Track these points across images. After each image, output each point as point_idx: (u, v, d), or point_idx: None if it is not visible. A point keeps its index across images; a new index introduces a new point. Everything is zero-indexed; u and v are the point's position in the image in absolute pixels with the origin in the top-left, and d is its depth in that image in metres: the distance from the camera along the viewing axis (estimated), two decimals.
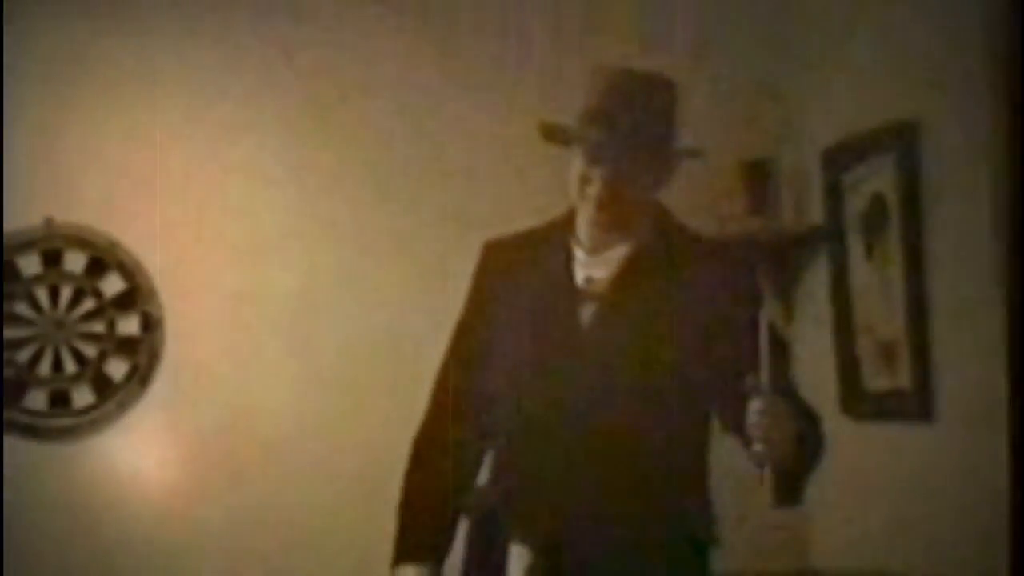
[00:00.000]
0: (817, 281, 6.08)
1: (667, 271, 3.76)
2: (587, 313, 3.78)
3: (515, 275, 3.95)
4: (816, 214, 6.24)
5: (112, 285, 6.14)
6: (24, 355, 6.05)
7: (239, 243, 6.34)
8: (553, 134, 3.77)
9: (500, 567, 3.70)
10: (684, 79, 3.85)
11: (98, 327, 6.12)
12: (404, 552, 3.87)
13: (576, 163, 3.73)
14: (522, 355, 3.84)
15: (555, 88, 5.48)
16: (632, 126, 3.66)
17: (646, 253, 3.79)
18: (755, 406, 3.43)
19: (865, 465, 5.53)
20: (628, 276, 3.78)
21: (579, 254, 3.84)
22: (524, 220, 4.09)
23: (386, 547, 3.92)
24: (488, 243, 4.06)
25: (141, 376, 6.12)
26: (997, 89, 4.92)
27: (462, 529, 3.88)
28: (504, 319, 3.91)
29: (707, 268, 3.78)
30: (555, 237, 3.92)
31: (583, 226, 3.83)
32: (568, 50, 6.26)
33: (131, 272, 6.12)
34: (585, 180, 3.70)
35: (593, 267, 3.81)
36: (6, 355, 6.04)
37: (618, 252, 3.80)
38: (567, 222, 3.89)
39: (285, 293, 6.33)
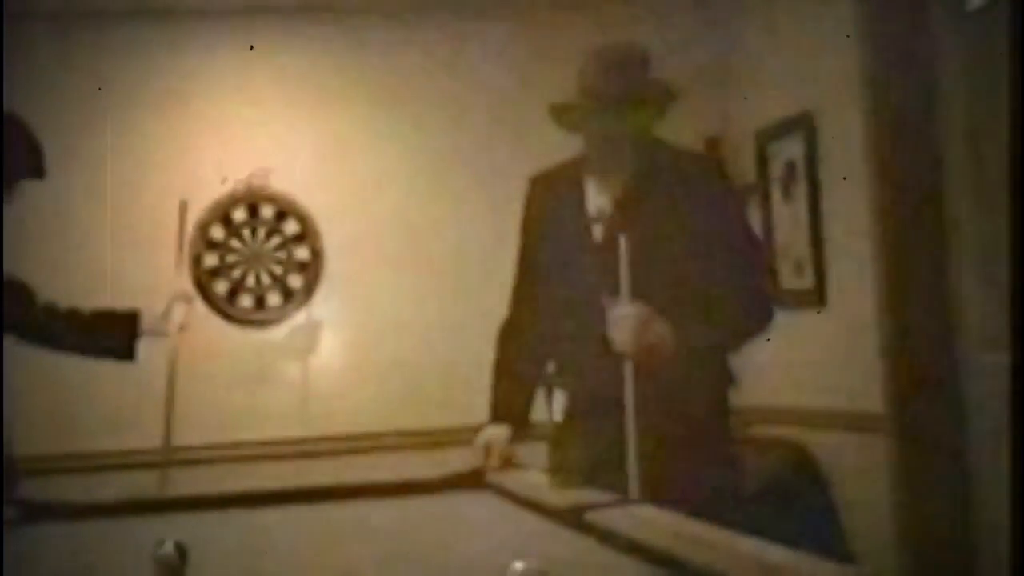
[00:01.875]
0: (752, 218, 5.78)
1: (658, 190, 3.70)
2: (597, 231, 3.75)
3: (549, 204, 3.93)
4: (750, 174, 6.31)
5: (290, 227, 6.54)
6: (236, 273, 6.50)
7: (379, 193, 6.62)
8: (560, 115, 3.80)
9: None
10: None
11: (281, 255, 6.55)
12: (493, 415, 3.95)
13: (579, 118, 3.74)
14: (558, 269, 3.83)
15: None
16: (621, 88, 3.64)
17: (639, 179, 3.73)
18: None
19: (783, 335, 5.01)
20: (626, 199, 3.73)
21: (591, 184, 3.82)
22: None
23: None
24: (533, 177, 4.04)
25: (309, 287, 6.55)
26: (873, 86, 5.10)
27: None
28: (547, 238, 3.91)
29: (697, 180, 3.73)
30: (574, 171, 3.88)
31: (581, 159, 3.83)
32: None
33: (303, 217, 6.54)
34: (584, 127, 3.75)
35: (600, 195, 3.79)
36: (227, 272, 6.49)
37: (618, 180, 3.76)
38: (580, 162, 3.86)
39: (410, 228, 6.61)
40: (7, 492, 3.88)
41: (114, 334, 4.63)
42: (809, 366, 5.75)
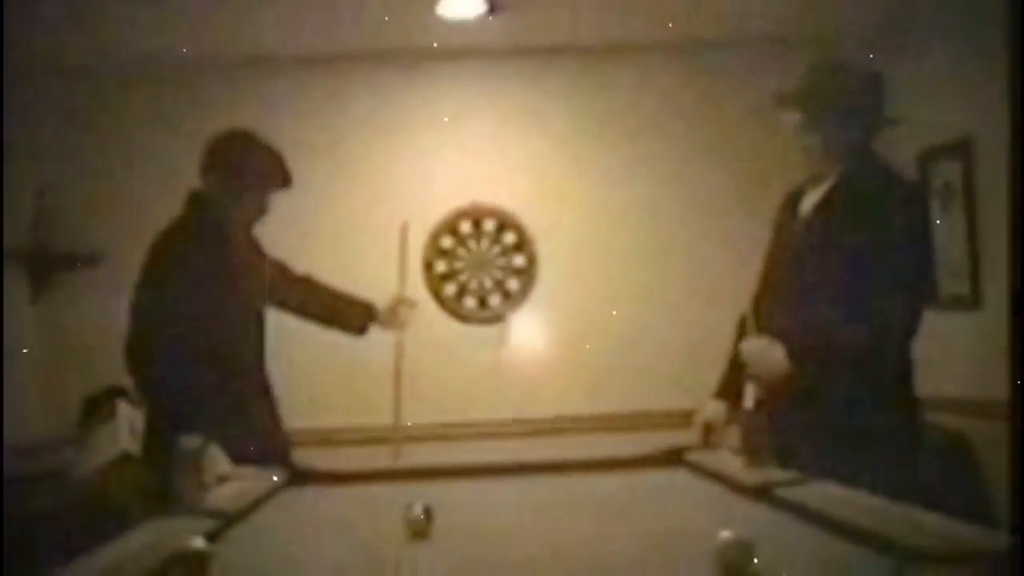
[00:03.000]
0: None
1: (851, 201, 3.56)
2: (800, 230, 3.67)
3: (782, 211, 3.83)
4: None
5: (509, 237, 6.59)
6: (463, 277, 6.58)
7: (589, 209, 6.63)
8: (784, 102, 3.67)
9: None
10: None
11: (502, 261, 6.60)
12: (718, 392, 3.91)
13: (795, 124, 3.65)
14: (775, 260, 3.78)
15: None
16: (839, 104, 3.56)
17: (841, 188, 3.60)
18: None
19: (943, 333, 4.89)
20: (823, 203, 3.62)
21: (807, 191, 3.72)
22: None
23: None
24: (786, 194, 3.88)
25: (525, 290, 6.59)
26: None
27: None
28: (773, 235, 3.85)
29: (888, 201, 3.53)
30: (801, 184, 3.75)
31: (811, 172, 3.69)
32: None
33: (520, 229, 6.58)
34: (801, 135, 3.64)
35: (808, 198, 3.70)
36: (455, 277, 6.55)
37: (823, 186, 3.66)
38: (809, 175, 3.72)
39: (615, 241, 6.61)
40: (283, 459, 3.97)
41: (353, 316, 4.78)
42: (964, 360, 5.56)
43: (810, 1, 5.90)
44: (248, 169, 4.29)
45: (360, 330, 4.82)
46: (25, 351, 6.17)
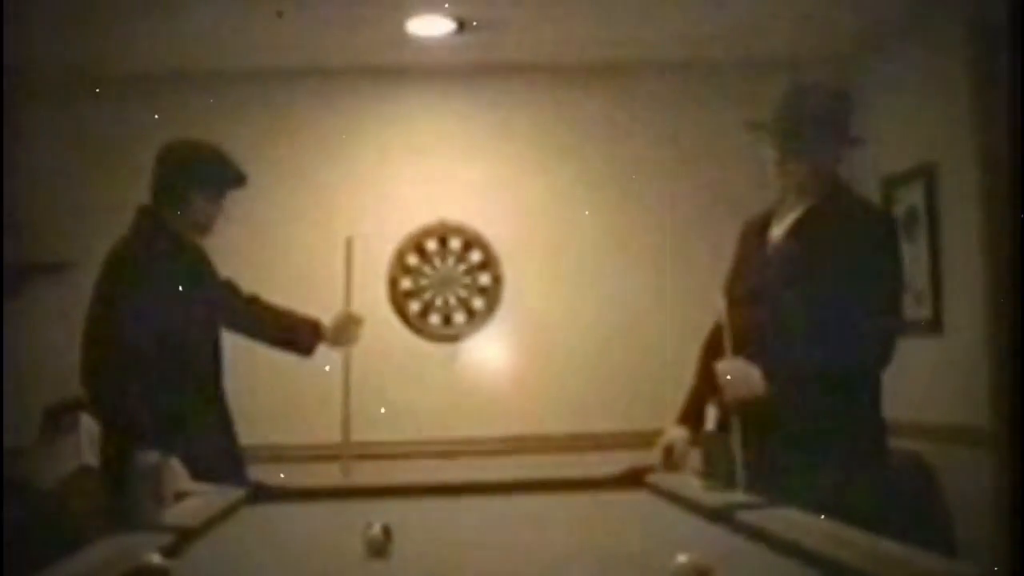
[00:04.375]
0: None
1: (824, 229, 3.57)
2: (772, 255, 3.68)
3: (747, 236, 3.86)
4: None
5: (475, 256, 6.59)
6: (427, 295, 6.55)
7: (555, 229, 6.64)
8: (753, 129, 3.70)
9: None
10: None
11: (467, 280, 6.60)
12: (680, 418, 3.89)
13: (769, 152, 3.67)
14: (747, 285, 3.74)
15: None
16: (810, 128, 3.58)
17: (814, 215, 3.62)
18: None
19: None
20: (795, 230, 3.63)
21: (775, 217, 3.74)
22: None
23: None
24: (745, 221, 3.93)
25: (490, 308, 6.59)
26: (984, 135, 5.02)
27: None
28: (736, 266, 3.87)
29: (861, 230, 3.55)
30: (767, 211, 3.78)
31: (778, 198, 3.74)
32: None
33: (486, 248, 6.59)
34: (776, 163, 3.65)
35: (778, 225, 3.70)
36: (420, 294, 6.53)
37: (794, 213, 3.67)
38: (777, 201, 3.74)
39: (581, 261, 6.61)
40: (239, 475, 3.95)
41: (301, 335, 4.72)
42: (926, 385, 5.53)
43: (777, 25, 5.93)
44: (195, 170, 4.26)
45: (308, 351, 4.78)
46: None
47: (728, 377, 3.53)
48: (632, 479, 3.63)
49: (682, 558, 2.03)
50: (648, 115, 6.68)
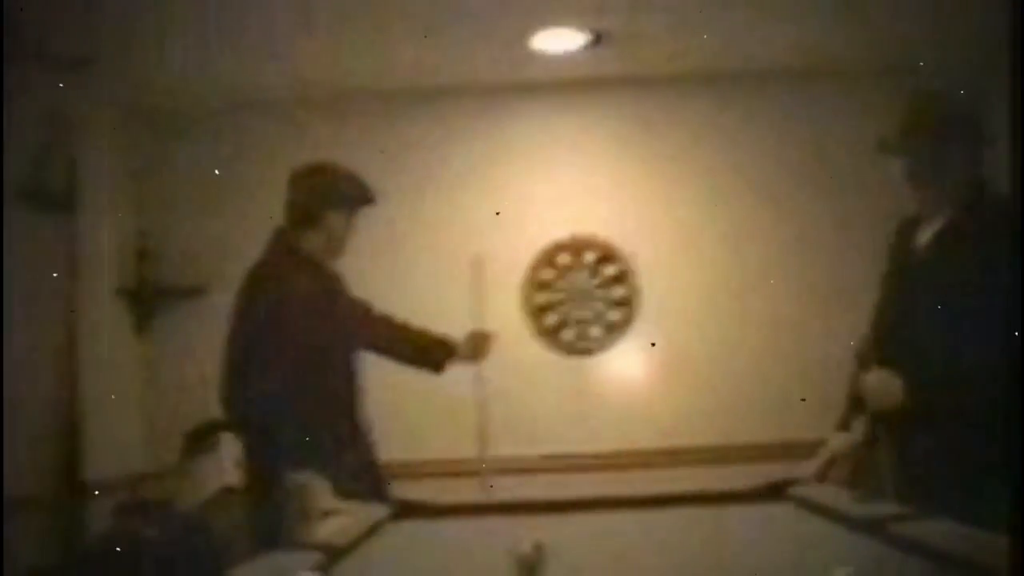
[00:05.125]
0: None
1: (965, 242, 3.48)
2: (916, 261, 3.61)
3: (898, 241, 3.77)
4: None
5: (610, 268, 6.59)
6: (564, 309, 6.58)
7: (691, 240, 6.63)
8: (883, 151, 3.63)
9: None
10: None
11: (602, 293, 6.61)
12: (840, 425, 3.79)
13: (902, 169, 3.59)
14: (891, 294, 3.69)
15: None
16: (943, 139, 3.51)
17: (953, 225, 3.54)
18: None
19: None
20: (937, 240, 3.56)
21: (924, 222, 3.64)
22: None
23: None
24: (899, 221, 3.81)
25: (626, 321, 6.59)
26: None
27: None
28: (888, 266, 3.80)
29: (1002, 242, 3.41)
30: (917, 214, 3.68)
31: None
32: None
33: (621, 260, 6.60)
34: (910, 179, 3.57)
35: (925, 231, 3.62)
36: (555, 308, 6.59)
37: (937, 222, 3.59)
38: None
39: (718, 271, 6.59)
40: (381, 492, 3.97)
41: (432, 352, 4.78)
42: None
43: (907, 33, 5.90)
44: (327, 190, 4.34)
45: (439, 367, 4.81)
46: (128, 383, 6.36)
47: (869, 390, 3.50)
48: (774, 491, 3.57)
49: (839, 572, 1.99)
50: (786, 124, 6.66)
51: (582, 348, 6.64)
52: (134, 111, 6.40)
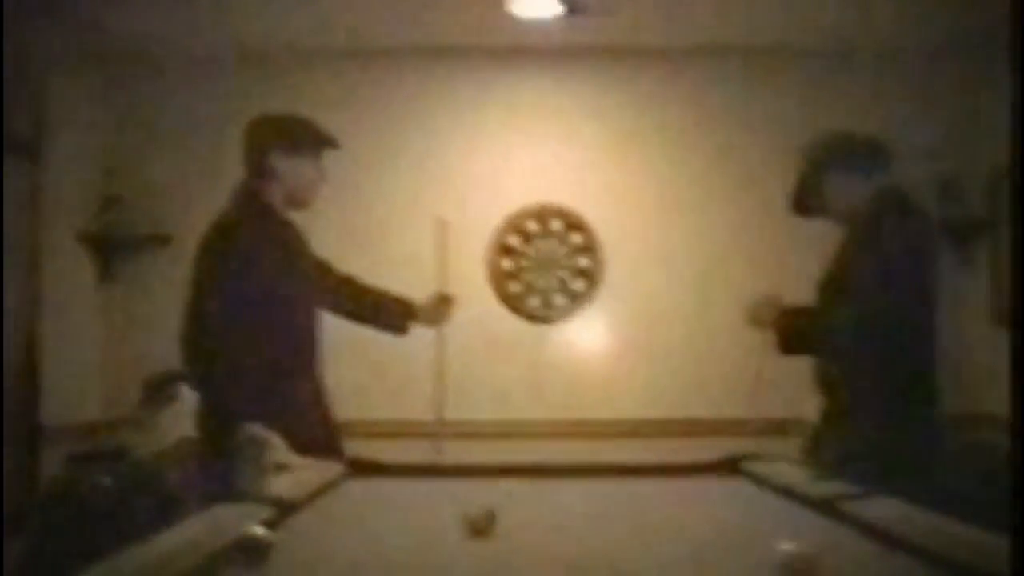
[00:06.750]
0: None
1: (865, 241, 3.71)
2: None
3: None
4: None
5: (576, 238, 6.67)
6: (529, 276, 6.63)
7: (658, 211, 6.69)
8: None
9: None
10: None
11: (567, 262, 6.68)
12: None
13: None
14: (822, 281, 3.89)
15: None
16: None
17: (860, 222, 3.79)
18: None
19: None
20: (845, 238, 3.84)
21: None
22: None
23: None
24: None
25: (590, 291, 6.66)
26: None
27: None
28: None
29: (899, 235, 3.66)
30: None
31: None
32: None
33: (588, 230, 6.66)
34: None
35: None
36: (520, 275, 6.65)
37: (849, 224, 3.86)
38: None
39: (685, 245, 6.66)
40: (336, 449, 4.03)
41: (393, 315, 4.72)
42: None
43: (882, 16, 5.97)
44: (277, 136, 4.27)
45: (400, 330, 4.79)
46: (88, 331, 6.34)
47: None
48: (729, 466, 3.60)
49: (786, 546, 2.00)
50: (755, 99, 6.70)
51: (545, 316, 6.68)
52: (103, 57, 6.37)
